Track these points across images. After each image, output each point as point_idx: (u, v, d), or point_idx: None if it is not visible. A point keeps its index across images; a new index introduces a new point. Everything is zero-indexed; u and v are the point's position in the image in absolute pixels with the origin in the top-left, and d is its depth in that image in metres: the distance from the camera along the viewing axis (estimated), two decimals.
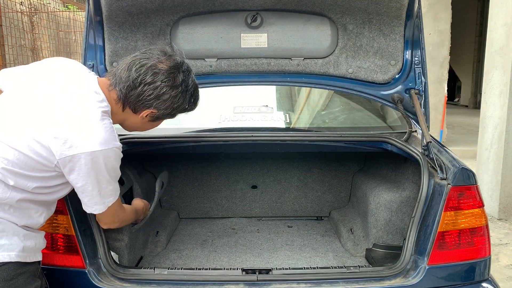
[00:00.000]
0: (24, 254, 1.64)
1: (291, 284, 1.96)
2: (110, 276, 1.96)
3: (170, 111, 1.85)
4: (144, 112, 1.81)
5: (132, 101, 1.78)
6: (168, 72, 1.77)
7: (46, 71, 1.76)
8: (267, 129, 2.77)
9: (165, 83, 1.76)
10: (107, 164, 1.68)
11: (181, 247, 2.88)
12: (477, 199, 2.03)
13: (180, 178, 3.38)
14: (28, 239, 1.67)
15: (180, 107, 1.86)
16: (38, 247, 1.73)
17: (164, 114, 1.86)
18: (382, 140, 2.48)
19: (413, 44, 2.67)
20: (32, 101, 1.67)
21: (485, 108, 5.45)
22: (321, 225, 3.30)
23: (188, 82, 1.84)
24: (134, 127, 1.94)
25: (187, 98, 1.85)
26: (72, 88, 1.70)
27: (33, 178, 1.63)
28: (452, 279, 2.02)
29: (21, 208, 1.65)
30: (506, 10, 5.03)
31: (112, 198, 1.81)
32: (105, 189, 1.74)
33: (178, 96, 1.81)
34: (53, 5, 9.06)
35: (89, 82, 1.76)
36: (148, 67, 1.75)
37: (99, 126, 1.65)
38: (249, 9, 2.63)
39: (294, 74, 2.79)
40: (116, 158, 1.73)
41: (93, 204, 1.77)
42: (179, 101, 1.82)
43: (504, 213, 5.17)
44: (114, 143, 1.68)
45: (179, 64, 1.82)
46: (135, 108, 1.80)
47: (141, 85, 1.74)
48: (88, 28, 2.57)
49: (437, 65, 8.44)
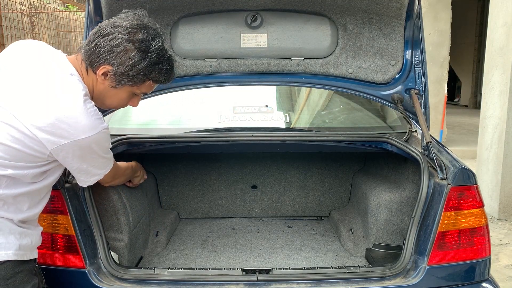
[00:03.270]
0: (21, 252, 1.63)
1: (291, 284, 1.96)
2: (110, 276, 1.97)
3: (127, 69, 1.68)
4: (100, 69, 1.69)
5: (90, 54, 1.69)
6: (129, 27, 1.68)
7: (15, 58, 1.70)
8: (267, 129, 2.77)
9: (122, 35, 1.66)
10: (98, 146, 1.70)
11: (181, 247, 2.88)
12: (477, 199, 2.03)
13: (180, 178, 3.38)
14: (25, 237, 1.66)
15: (136, 67, 1.68)
16: (34, 244, 1.72)
17: (121, 74, 1.70)
18: (382, 140, 2.48)
19: (413, 44, 2.67)
20: (9, 92, 1.61)
21: (485, 108, 5.45)
22: (321, 225, 3.30)
23: (150, 43, 1.69)
24: (101, 98, 1.79)
25: (149, 61, 1.69)
26: (48, 73, 1.64)
27: (29, 168, 1.62)
28: (452, 279, 2.02)
29: (16, 203, 1.63)
30: (506, 10, 5.03)
31: (107, 168, 1.86)
32: (100, 164, 1.80)
33: (134, 52, 1.67)
34: (53, 5, 9.06)
35: (62, 63, 1.70)
36: (109, 22, 1.71)
37: (84, 113, 1.61)
38: (249, 9, 2.63)
39: (294, 74, 2.79)
40: (106, 139, 1.75)
41: (90, 176, 1.82)
42: (134, 57, 1.67)
43: (504, 213, 5.18)
44: (101, 125, 1.66)
45: (145, 25, 1.71)
46: (92, 65, 1.69)
47: (98, 38, 1.67)
48: (88, 28, 2.57)
49: (437, 65, 8.44)
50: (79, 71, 1.72)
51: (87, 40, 1.71)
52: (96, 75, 1.71)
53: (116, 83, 1.73)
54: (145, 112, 2.94)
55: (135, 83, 1.75)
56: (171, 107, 3.06)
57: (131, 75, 1.70)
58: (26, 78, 1.63)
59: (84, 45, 1.72)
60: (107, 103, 1.83)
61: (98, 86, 1.76)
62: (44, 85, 1.62)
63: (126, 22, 1.69)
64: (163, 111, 3.05)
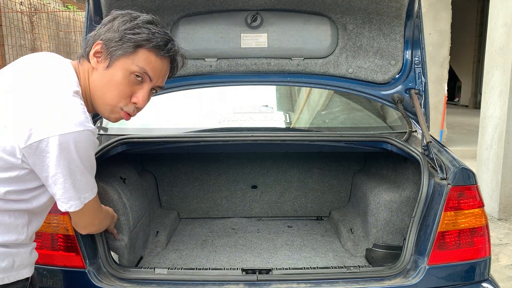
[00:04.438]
0: (0, 276, 1.44)
1: (291, 284, 1.96)
2: (110, 276, 1.96)
3: (113, 34, 1.52)
4: (92, 48, 1.54)
5: (86, 46, 1.58)
6: (124, 16, 1.57)
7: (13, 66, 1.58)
8: (267, 129, 2.77)
9: (115, 21, 1.55)
10: (79, 150, 1.43)
11: (181, 247, 2.88)
12: (477, 199, 2.03)
13: (180, 178, 3.38)
14: (5, 258, 1.45)
15: (122, 27, 1.52)
16: (21, 264, 1.51)
17: (110, 42, 1.52)
18: (382, 140, 2.48)
19: (413, 44, 2.67)
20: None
21: (485, 108, 5.45)
22: (321, 225, 3.30)
23: (139, 15, 1.58)
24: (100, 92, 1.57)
25: (133, 23, 1.54)
26: (39, 74, 1.51)
27: (1, 181, 1.41)
28: (452, 279, 2.02)
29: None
30: (506, 10, 5.03)
31: (88, 194, 1.56)
32: (79, 182, 1.49)
33: (120, 19, 1.55)
34: (53, 5, 9.05)
35: (60, 65, 1.56)
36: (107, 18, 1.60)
37: (67, 106, 1.42)
38: (249, 9, 2.63)
39: (294, 74, 2.79)
40: (90, 143, 1.46)
41: (67, 199, 1.50)
42: (122, 20, 1.54)
43: (504, 213, 5.18)
44: (87, 125, 1.43)
45: (141, 18, 1.58)
46: (88, 54, 1.56)
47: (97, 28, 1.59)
48: (88, 28, 2.57)
49: (437, 65, 8.44)
50: (78, 73, 1.58)
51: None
52: (89, 60, 1.56)
53: (109, 59, 1.53)
54: (145, 112, 2.94)
55: (126, 50, 1.52)
56: (171, 107, 3.05)
57: (119, 36, 1.51)
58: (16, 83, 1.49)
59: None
60: (107, 98, 1.56)
61: (93, 79, 1.56)
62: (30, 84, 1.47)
63: None
64: (163, 111, 3.05)
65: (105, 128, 2.65)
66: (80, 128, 1.41)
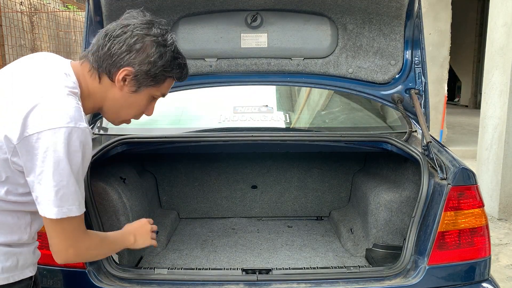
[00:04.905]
0: (4, 275, 1.44)
1: (291, 284, 1.96)
2: (110, 276, 1.96)
3: (148, 67, 1.52)
4: (119, 73, 1.51)
5: (104, 61, 1.51)
6: (140, 23, 1.53)
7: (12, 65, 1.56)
8: (267, 129, 2.77)
9: (137, 31, 1.50)
10: (69, 149, 1.36)
11: (181, 247, 2.88)
12: (477, 199, 2.03)
13: (180, 178, 3.38)
14: (10, 257, 1.45)
15: (159, 63, 1.53)
16: (24, 263, 1.50)
17: (143, 74, 1.53)
18: (382, 140, 2.48)
19: (413, 44, 2.67)
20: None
21: (485, 108, 5.45)
22: (321, 225, 3.30)
23: (166, 37, 1.55)
24: (116, 109, 1.60)
25: (168, 55, 1.54)
26: (36, 73, 1.49)
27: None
28: (452, 279, 2.02)
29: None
30: (506, 10, 5.03)
31: (73, 207, 1.41)
32: (64, 188, 1.38)
33: (153, 46, 1.51)
34: (53, 5, 9.05)
35: (59, 66, 1.53)
36: (118, 23, 1.54)
37: (60, 103, 1.39)
38: (249, 9, 2.63)
39: (294, 74, 2.79)
40: (79, 142, 1.38)
41: (46, 202, 1.38)
42: (155, 53, 1.52)
43: (504, 213, 5.18)
44: (78, 122, 1.38)
45: (155, 21, 1.56)
46: (109, 71, 1.52)
47: (110, 40, 1.50)
48: (88, 28, 2.57)
49: (437, 65, 8.44)
50: (80, 77, 1.54)
51: (95, 46, 1.53)
52: (114, 81, 1.53)
53: (137, 87, 1.55)
54: None
55: (157, 82, 1.58)
56: (171, 107, 3.05)
57: (154, 73, 1.54)
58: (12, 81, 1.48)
59: (92, 51, 1.54)
60: (123, 113, 1.62)
61: (113, 95, 1.56)
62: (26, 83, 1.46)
63: (134, 19, 1.55)
64: (163, 111, 3.05)
65: (105, 128, 2.65)
66: (71, 124, 1.36)
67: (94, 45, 1.54)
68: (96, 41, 1.54)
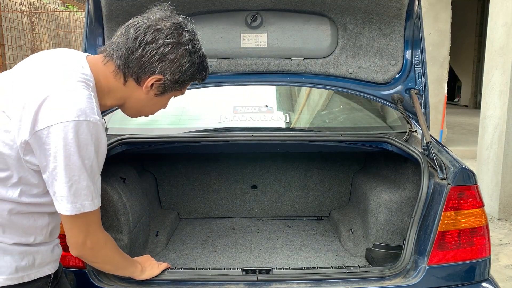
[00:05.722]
0: (19, 274, 1.42)
1: (291, 284, 1.96)
2: (110, 276, 1.96)
3: (178, 76, 1.54)
4: (149, 80, 1.52)
5: (134, 66, 1.50)
6: (172, 29, 1.50)
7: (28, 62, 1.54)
8: (267, 129, 2.77)
9: (169, 39, 1.49)
10: (80, 143, 1.34)
11: (181, 247, 2.88)
12: (477, 199, 2.03)
13: (180, 178, 3.38)
14: (25, 256, 1.44)
15: (189, 71, 1.56)
16: (42, 261, 1.49)
17: (172, 82, 1.55)
18: (382, 140, 2.48)
19: (413, 44, 2.67)
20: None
21: (485, 108, 5.45)
22: (321, 225, 3.30)
23: (195, 42, 1.57)
24: (138, 108, 1.64)
25: (196, 62, 1.57)
26: (49, 65, 1.48)
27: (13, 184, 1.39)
28: (452, 279, 2.02)
29: (11, 225, 1.42)
30: (506, 10, 5.03)
31: (86, 203, 1.41)
32: (76, 184, 1.37)
33: (186, 56, 1.53)
34: (53, 5, 9.05)
35: (73, 58, 1.52)
36: (147, 25, 1.49)
37: (71, 95, 1.37)
38: (249, 9, 2.63)
39: (294, 74, 2.79)
40: (91, 136, 1.36)
41: (61, 198, 1.39)
42: (187, 63, 1.53)
43: (504, 213, 5.18)
44: (90, 115, 1.36)
45: (183, 23, 1.56)
46: (138, 76, 1.52)
47: (141, 46, 1.48)
48: (88, 28, 2.57)
49: (437, 65, 8.44)
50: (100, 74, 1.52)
51: (123, 48, 1.50)
52: (141, 85, 1.54)
53: (163, 91, 1.58)
54: None
55: (183, 86, 1.62)
56: (171, 107, 3.05)
57: (182, 80, 1.58)
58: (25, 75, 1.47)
59: (119, 53, 1.50)
60: (144, 111, 1.67)
61: (138, 96, 1.58)
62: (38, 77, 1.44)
63: (164, 22, 1.52)
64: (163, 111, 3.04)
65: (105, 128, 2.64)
66: (82, 117, 1.34)
67: (121, 46, 1.50)
68: (123, 42, 1.50)
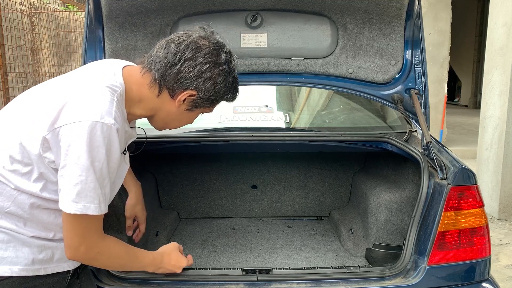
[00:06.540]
0: (35, 267, 1.46)
1: (291, 284, 1.96)
2: (110, 276, 1.96)
3: (211, 94, 1.59)
4: (183, 94, 1.57)
5: (170, 80, 1.55)
6: (211, 49, 1.56)
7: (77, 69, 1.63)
8: (267, 129, 2.77)
9: (208, 58, 1.55)
10: (92, 143, 1.36)
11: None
12: (477, 199, 2.03)
13: (180, 178, 3.38)
14: (44, 250, 1.48)
15: (222, 90, 1.61)
16: (61, 257, 1.52)
17: (204, 99, 1.60)
18: (382, 140, 2.48)
19: (413, 44, 2.67)
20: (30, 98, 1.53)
21: (485, 108, 5.45)
22: (321, 225, 3.30)
23: (231, 64, 1.63)
24: (167, 120, 1.68)
25: (230, 82, 1.63)
26: (84, 72, 1.56)
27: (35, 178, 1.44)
28: (452, 279, 2.02)
29: (32, 218, 1.46)
30: (506, 10, 5.04)
31: (91, 205, 1.41)
32: (82, 184, 1.37)
33: (221, 76, 1.58)
34: (53, 5, 9.05)
35: (109, 65, 1.59)
36: (188, 42, 1.55)
37: (92, 96, 1.42)
38: (249, 9, 2.63)
39: (294, 74, 2.79)
40: (105, 137, 1.39)
41: (64, 195, 1.39)
42: (221, 82, 1.59)
43: (504, 213, 5.18)
44: (105, 117, 1.39)
45: (222, 44, 1.62)
46: (173, 90, 1.57)
47: (180, 61, 1.53)
48: (88, 28, 2.57)
49: (437, 65, 8.45)
50: (134, 84, 1.57)
51: (163, 62, 1.55)
52: (174, 98, 1.59)
53: (194, 106, 1.63)
54: None
55: (213, 104, 1.67)
56: None
57: (214, 98, 1.63)
58: (58, 83, 1.55)
59: (158, 66, 1.55)
60: (172, 125, 1.71)
61: (169, 108, 1.62)
62: (69, 82, 1.52)
63: (204, 41, 1.57)
64: None
65: None
66: (96, 118, 1.37)
67: (160, 59, 1.55)
68: (163, 55, 1.55)
